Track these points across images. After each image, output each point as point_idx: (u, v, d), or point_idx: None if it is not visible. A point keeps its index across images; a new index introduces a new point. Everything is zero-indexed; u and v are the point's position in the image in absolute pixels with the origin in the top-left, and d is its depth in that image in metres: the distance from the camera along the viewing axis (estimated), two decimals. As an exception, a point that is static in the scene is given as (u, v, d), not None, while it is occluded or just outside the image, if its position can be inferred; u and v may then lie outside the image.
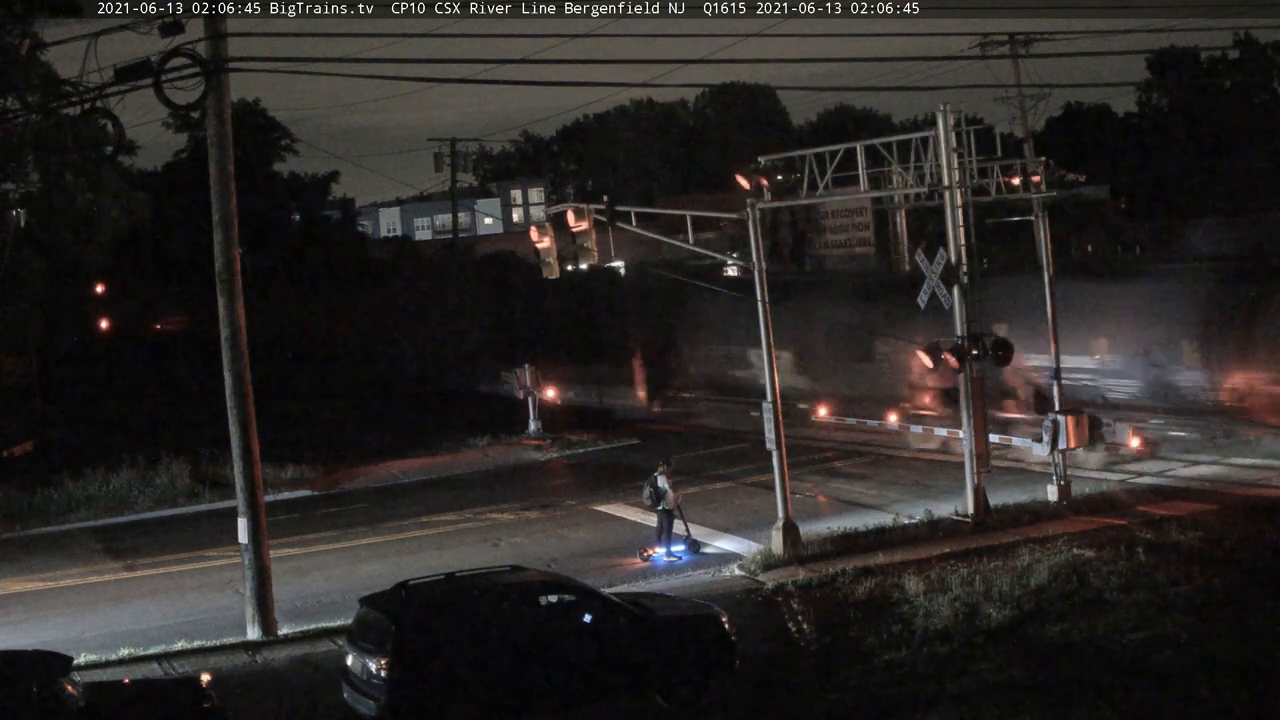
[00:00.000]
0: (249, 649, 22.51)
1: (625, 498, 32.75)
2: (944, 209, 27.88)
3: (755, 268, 26.96)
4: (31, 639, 22.32)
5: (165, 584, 27.87)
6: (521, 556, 26.33)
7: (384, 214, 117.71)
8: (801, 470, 33.16)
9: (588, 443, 42.55)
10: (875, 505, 30.38)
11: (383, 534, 31.38)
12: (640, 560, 26.97)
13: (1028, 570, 23.19)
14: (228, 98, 22.74)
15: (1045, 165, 30.55)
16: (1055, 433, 28.87)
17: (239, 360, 23.07)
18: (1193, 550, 23.98)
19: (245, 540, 23.08)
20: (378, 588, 20.17)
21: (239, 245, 23.14)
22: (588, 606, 18.70)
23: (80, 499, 36.32)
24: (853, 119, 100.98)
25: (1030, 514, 27.90)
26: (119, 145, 25.31)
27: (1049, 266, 31.26)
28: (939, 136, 27.44)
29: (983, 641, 20.08)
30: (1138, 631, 19.96)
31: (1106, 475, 31.24)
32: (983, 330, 28.04)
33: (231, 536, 24.38)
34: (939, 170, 27.62)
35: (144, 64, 21.28)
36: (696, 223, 29.30)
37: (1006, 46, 50.31)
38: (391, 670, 17.38)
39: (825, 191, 29.02)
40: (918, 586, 22.79)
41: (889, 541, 26.49)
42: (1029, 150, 46.94)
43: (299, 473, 38.90)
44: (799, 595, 23.51)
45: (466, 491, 36.35)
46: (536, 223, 34.41)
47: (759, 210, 27.51)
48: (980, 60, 51.28)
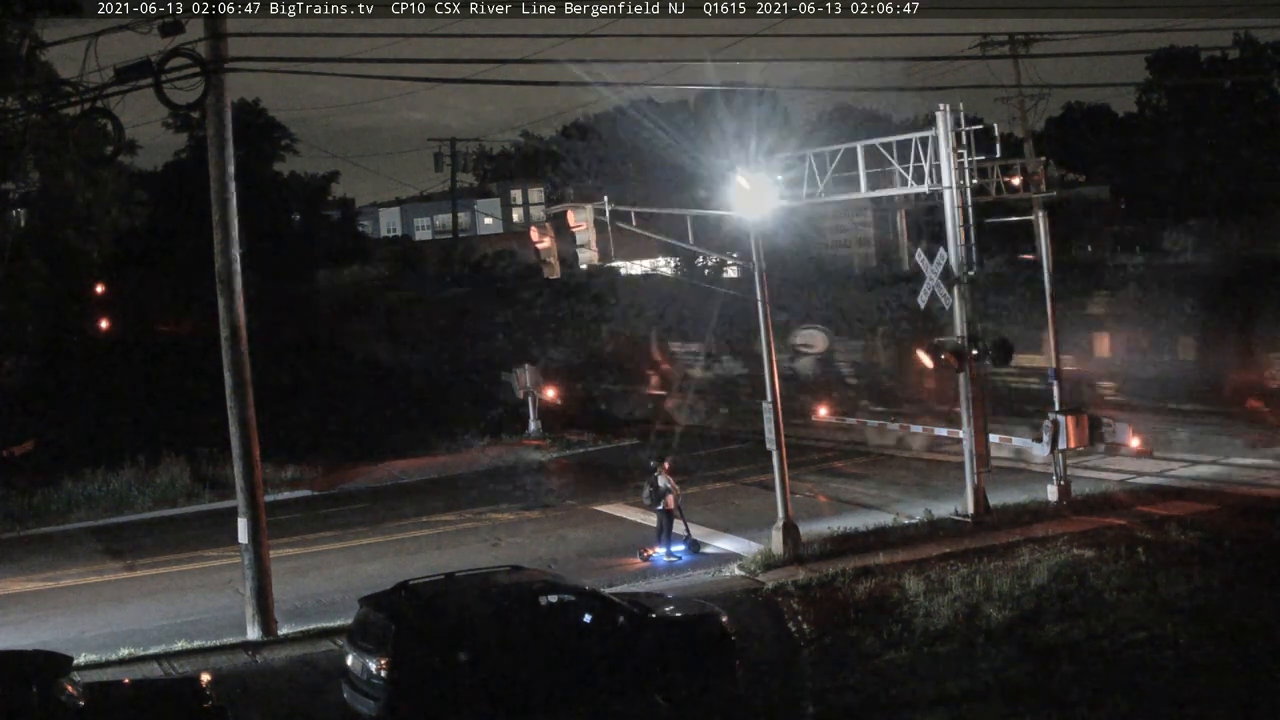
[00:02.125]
0: (249, 649, 22.50)
1: (625, 498, 32.76)
2: (944, 209, 27.88)
3: (755, 268, 26.95)
4: (31, 639, 22.33)
5: (165, 584, 27.87)
6: (521, 556, 26.33)
7: (384, 214, 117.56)
8: (802, 470, 33.18)
9: (588, 443, 42.58)
10: (875, 505, 30.38)
11: (383, 534, 31.38)
12: (640, 560, 26.97)
13: (1028, 570, 23.21)
14: (228, 98, 22.74)
15: (1045, 165, 30.55)
16: (1055, 433, 28.88)
17: (239, 360, 23.06)
18: (1193, 550, 24.00)
19: (245, 540, 23.08)
20: (378, 588, 20.16)
21: (239, 245, 23.15)
22: (588, 606, 18.69)
23: (80, 499, 36.33)
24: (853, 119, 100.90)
25: (1030, 514, 27.93)
26: (119, 145, 25.23)
27: (1049, 267, 31.26)
28: (939, 136, 27.44)
29: (983, 641, 20.08)
30: (1138, 631, 19.96)
31: (1106, 475, 31.26)
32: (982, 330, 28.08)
33: (231, 536, 24.37)
34: (939, 170, 27.63)
35: (144, 64, 21.26)
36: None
37: (1006, 46, 50.22)
38: (391, 670, 17.38)
39: (825, 191, 29.02)
40: (918, 586, 22.79)
41: (889, 541, 26.49)
42: (1029, 150, 46.90)
43: (299, 473, 38.93)
44: (799, 595, 23.51)
45: (466, 491, 36.35)
46: (536, 223, 34.49)
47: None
48: (980, 60, 51.25)
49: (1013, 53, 50.63)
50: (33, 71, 34.94)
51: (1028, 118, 52.95)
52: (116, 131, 23.03)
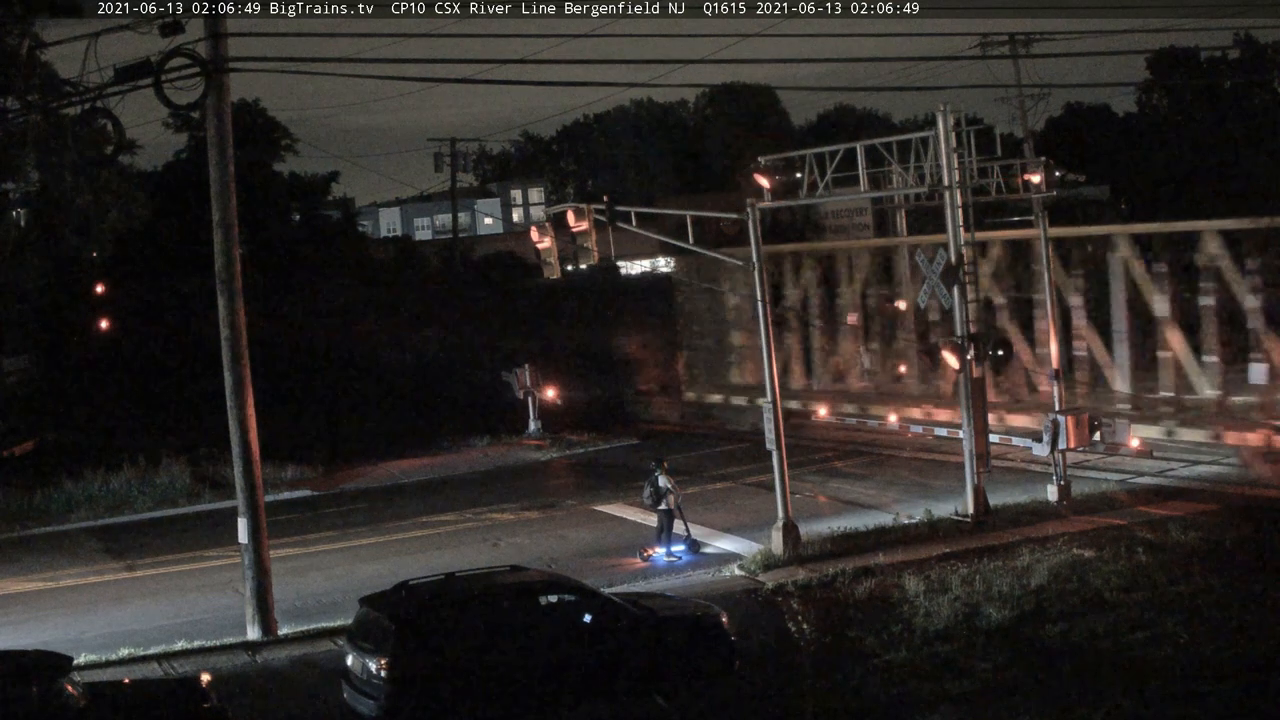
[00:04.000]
0: (249, 649, 22.50)
1: (625, 498, 32.75)
2: (944, 209, 27.89)
3: (755, 268, 26.95)
4: (31, 639, 22.32)
5: (165, 584, 27.86)
6: (521, 556, 26.33)
7: (384, 214, 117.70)
8: (802, 470, 33.18)
9: (588, 443, 42.56)
10: (875, 505, 30.38)
11: (383, 534, 31.37)
12: (640, 560, 26.97)
13: (1028, 570, 23.21)
14: (228, 98, 22.73)
15: (1045, 165, 30.55)
16: (1055, 433, 28.87)
17: (239, 360, 23.06)
18: (1193, 550, 23.99)
19: (245, 540, 23.08)
20: (378, 588, 20.16)
21: (239, 245, 23.14)
22: (588, 606, 18.69)
23: (80, 499, 36.30)
24: (853, 119, 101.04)
25: (1030, 514, 27.91)
26: (119, 145, 25.29)
27: (1049, 267, 31.26)
28: (939, 136, 27.45)
29: (983, 641, 20.07)
30: (1138, 631, 19.96)
31: (1106, 475, 31.26)
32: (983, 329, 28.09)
33: (231, 536, 24.38)
34: (939, 170, 27.64)
35: (144, 64, 21.29)
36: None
37: (1006, 46, 50.33)
38: (391, 670, 17.38)
39: (825, 191, 29.03)
40: (918, 586, 22.79)
41: (889, 541, 26.48)
42: (1029, 150, 46.96)
43: (299, 473, 38.93)
44: (799, 595, 23.51)
45: (466, 491, 36.35)
46: (536, 223, 34.47)
47: (759, 210, 27.50)
48: (980, 60, 51.33)
49: (1013, 53, 50.73)
50: (33, 71, 34.93)
51: (1028, 118, 53.12)
52: (116, 131, 23.07)
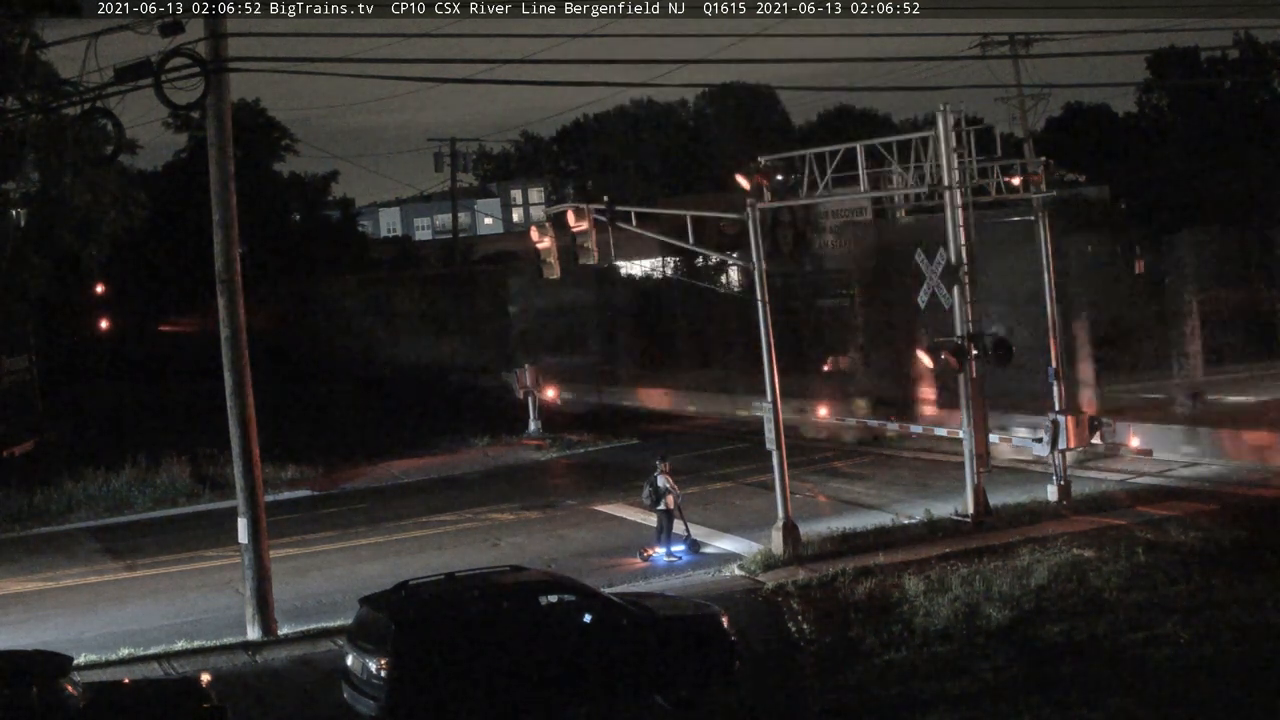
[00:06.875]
0: (249, 649, 22.50)
1: (625, 498, 32.75)
2: (944, 209, 27.88)
3: (755, 268, 26.95)
4: (31, 639, 22.31)
5: (165, 584, 27.86)
6: (521, 556, 26.33)
7: (384, 214, 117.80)
8: (802, 470, 33.16)
9: (588, 443, 42.55)
10: (875, 505, 30.38)
11: (383, 534, 31.37)
12: (640, 560, 26.97)
13: (1028, 570, 23.20)
14: (228, 98, 22.73)
15: (1045, 165, 30.54)
16: (1055, 433, 28.87)
17: (239, 360, 23.06)
18: (1193, 550, 23.99)
19: (245, 540, 23.08)
20: (378, 588, 20.15)
21: (239, 245, 23.15)
22: (588, 606, 18.67)
23: (80, 499, 36.30)
24: (853, 119, 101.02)
25: (1030, 514, 27.90)
26: (119, 145, 25.27)
27: (1049, 267, 31.24)
28: (939, 136, 27.43)
29: (983, 641, 20.07)
30: (1137, 631, 19.95)
31: (1106, 475, 31.26)
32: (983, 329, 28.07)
33: (231, 536, 24.38)
34: (939, 170, 27.62)
35: (144, 64, 21.28)
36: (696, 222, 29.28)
37: (1006, 46, 50.26)
38: (391, 670, 17.37)
39: (825, 191, 29.01)
40: (918, 586, 22.78)
41: (889, 541, 26.48)
42: (1029, 150, 46.88)
43: (299, 473, 38.90)
44: (799, 595, 23.51)
45: (466, 491, 36.35)
46: (536, 223, 34.36)
47: (759, 210, 27.51)
48: (980, 60, 51.24)
49: (1013, 53, 50.66)
50: (33, 71, 34.91)
51: (1028, 118, 53.04)
52: (116, 131, 23.09)
